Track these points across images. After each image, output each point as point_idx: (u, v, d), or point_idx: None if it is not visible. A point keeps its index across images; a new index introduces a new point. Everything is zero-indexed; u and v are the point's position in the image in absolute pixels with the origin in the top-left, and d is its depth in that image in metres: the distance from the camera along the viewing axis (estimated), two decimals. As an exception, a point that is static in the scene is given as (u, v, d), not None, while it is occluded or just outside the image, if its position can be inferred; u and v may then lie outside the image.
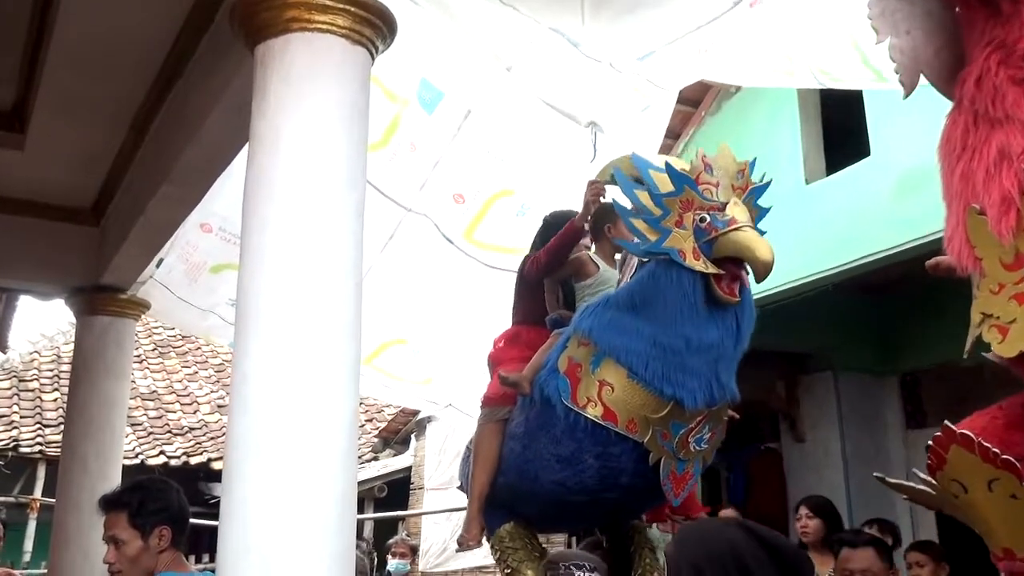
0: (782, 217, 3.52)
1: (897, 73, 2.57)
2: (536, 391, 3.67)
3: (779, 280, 5.61)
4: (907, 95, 2.60)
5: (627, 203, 3.50)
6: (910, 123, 4.90)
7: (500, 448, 3.85)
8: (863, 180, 5.52)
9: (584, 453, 3.52)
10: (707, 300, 3.29)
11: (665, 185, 3.33)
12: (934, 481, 2.43)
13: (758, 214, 3.44)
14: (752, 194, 3.38)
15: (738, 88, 6.29)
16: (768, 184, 3.45)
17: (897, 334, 7.18)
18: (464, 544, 4.00)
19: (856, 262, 5.41)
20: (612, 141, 5.20)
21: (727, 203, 3.27)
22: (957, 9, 2.52)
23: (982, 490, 2.28)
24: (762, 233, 3.41)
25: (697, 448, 3.53)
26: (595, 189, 3.91)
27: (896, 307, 7.03)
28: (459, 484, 4.72)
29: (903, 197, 5.10)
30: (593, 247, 4.16)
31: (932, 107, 2.61)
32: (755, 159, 3.48)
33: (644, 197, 3.37)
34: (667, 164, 3.38)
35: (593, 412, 3.46)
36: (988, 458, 2.23)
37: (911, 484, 2.58)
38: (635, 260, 3.66)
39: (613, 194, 3.86)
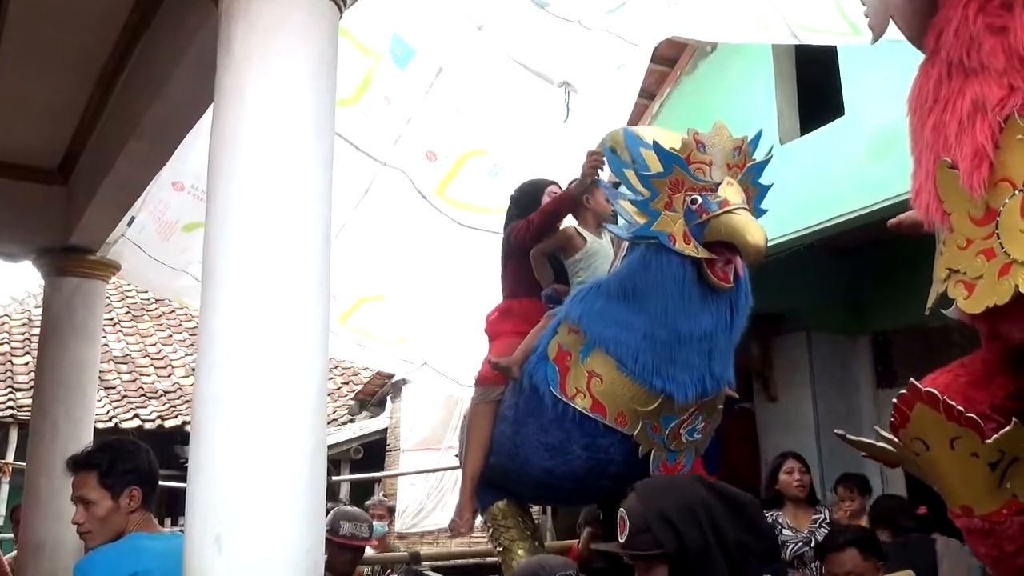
0: (756, 177, 3.47)
1: (866, 16, 2.50)
2: (526, 378, 3.62)
3: (753, 240, 5.62)
4: (875, 39, 2.54)
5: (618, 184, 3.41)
6: (884, 83, 4.89)
7: (492, 429, 3.80)
8: (837, 140, 5.51)
9: (572, 443, 3.48)
10: (700, 286, 3.19)
11: (654, 164, 3.20)
12: (896, 439, 2.43)
13: (758, 192, 3.31)
14: (750, 172, 3.26)
15: (714, 47, 6.25)
16: (768, 161, 3.31)
17: (869, 294, 7.23)
18: (456, 530, 3.95)
19: (829, 222, 5.42)
20: (585, 101, 5.16)
21: (720, 183, 3.15)
22: None
23: (944, 448, 2.27)
24: (763, 213, 3.33)
25: (689, 439, 3.49)
26: (593, 160, 3.76)
27: (868, 267, 7.07)
28: (456, 453, 4.69)
29: (876, 157, 5.10)
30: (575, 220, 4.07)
31: (907, 67, 2.57)
32: (759, 132, 3.36)
33: (632, 177, 3.25)
34: (655, 143, 3.25)
35: (582, 403, 3.42)
36: (952, 416, 2.23)
37: (871, 441, 2.58)
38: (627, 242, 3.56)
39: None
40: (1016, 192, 2.10)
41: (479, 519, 4.15)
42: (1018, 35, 2.12)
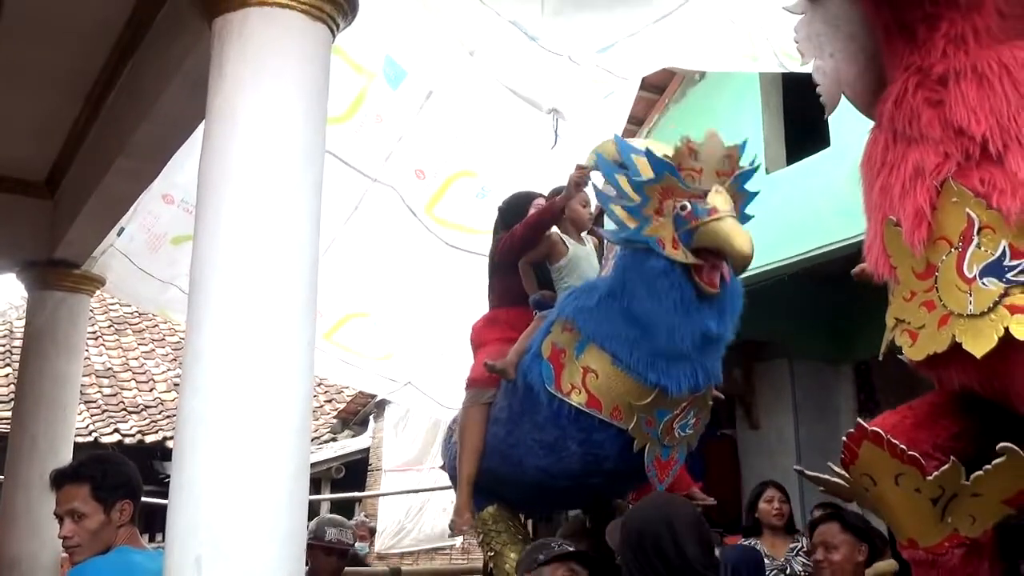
0: (742, 205, 3.52)
1: (819, 94, 2.72)
2: (520, 377, 3.63)
3: (737, 268, 5.66)
4: (828, 113, 2.75)
5: (609, 189, 3.47)
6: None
7: (485, 432, 3.81)
8: (822, 170, 5.57)
9: (567, 440, 3.51)
10: (690, 288, 3.24)
11: (646, 171, 3.27)
12: (847, 475, 2.59)
13: (744, 198, 3.39)
14: (738, 179, 3.33)
15: (702, 75, 6.31)
16: (755, 169, 3.39)
17: (851, 323, 7.28)
18: (457, 529, 3.98)
19: (813, 251, 5.49)
20: (574, 128, 5.20)
21: (709, 191, 3.21)
22: (879, 34, 2.66)
23: (889, 483, 2.45)
24: (748, 218, 3.40)
25: (682, 434, 3.52)
26: (580, 173, 3.84)
27: (851, 296, 7.09)
28: (442, 464, 4.70)
29: (860, 189, 5.15)
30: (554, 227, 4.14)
31: (892, 101, 2.65)
32: (746, 140, 3.44)
33: (624, 183, 3.31)
34: (647, 150, 3.32)
35: (577, 399, 3.44)
36: (895, 454, 2.41)
37: (827, 476, 2.72)
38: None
39: (595, 180, 3.83)
40: (952, 250, 2.28)
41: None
42: (952, 108, 2.33)
